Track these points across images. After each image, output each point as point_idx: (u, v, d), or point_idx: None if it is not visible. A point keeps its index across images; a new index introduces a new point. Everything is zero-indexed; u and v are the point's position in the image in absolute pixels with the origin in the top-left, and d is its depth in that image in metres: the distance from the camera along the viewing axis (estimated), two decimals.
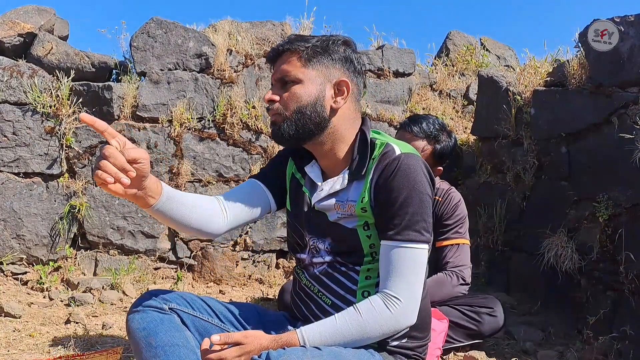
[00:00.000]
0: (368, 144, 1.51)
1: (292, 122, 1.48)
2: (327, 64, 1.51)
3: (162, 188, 1.41)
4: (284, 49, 1.51)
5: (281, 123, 1.49)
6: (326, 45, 1.51)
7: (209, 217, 1.56)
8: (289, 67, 1.49)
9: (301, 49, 1.49)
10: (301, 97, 1.48)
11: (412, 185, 1.42)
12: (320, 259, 1.56)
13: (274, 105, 1.50)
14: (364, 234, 1.49)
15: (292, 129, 1.49)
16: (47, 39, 3.44)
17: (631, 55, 2.49)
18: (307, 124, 1.49)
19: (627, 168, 2.42)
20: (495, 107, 3.43)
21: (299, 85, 1.48)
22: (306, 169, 1.62)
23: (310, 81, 1.49)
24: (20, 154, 3.23)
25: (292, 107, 1.48)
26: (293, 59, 1.50)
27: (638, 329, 2.30)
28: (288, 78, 1.49)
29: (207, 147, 3.52)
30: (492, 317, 2.31)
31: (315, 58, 1.49)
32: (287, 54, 1.51)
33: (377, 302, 1.38)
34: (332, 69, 1.51)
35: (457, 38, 5.23)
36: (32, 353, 2.17)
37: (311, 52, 1.49)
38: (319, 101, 1.49)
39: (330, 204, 1.53)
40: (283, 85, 1.51)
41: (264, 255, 3.61)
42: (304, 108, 1.48)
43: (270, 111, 1.52)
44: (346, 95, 1.52)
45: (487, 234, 3.45)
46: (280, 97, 1.50)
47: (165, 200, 1.42)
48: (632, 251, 2.37)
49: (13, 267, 3.17)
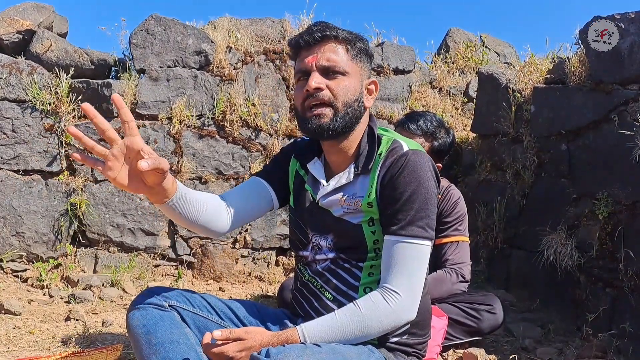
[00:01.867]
0: (375, 139, 1.51)
1: (342, 116, 1.45)
2: (364, 60, 1.51)
3: (177, 186, 1.41)
4: (330, 34, 1.45)
5: (332, 116, 1.44)
6: (362, 39, 1.50)
7: (215, 216, 1.56)
8: (338, 57, 1.45)
9: (348, 39, 1.46)
10: (349, 91, 1.45)
11: (419, 181, 1.42)
12: (323, 256, 1.56)
13: (322, 93, 1.44)
14: (369, 229, 1.49)
15: (340, 124, 1.45)
16: (46, 36, 3.43)
17: (631, 52, 2.49)
18: (352, 120, 1.47)
19: (626, 165, 2.42)
20: (495, 105, 3.43)
21: (346, 77, 1.45)
22: (308, 166, 1.62)
23: (354, 75, 1.47)
24: (19, 151, 3.22)
25: (342, 99, 1.44)
26: (340, 49, 1.46)
27: (637, 326, 2.31)
28: (337, 69, 1.44)
29: (206, 144, 3.52)
30: (491, 314, 2.31)
31: (356, 52, 1.48)
32: (332, 42, 1.46)
33: (376, 297, 1.39)
34: (366, 67, 1.52)
35: (457, 35, 5.23)
36: (32, 350, 2.17)
37: (355, 46, 1.48)
38: (360, 98, 1.49)
39: (335, 198, 1.53)
40: (325, 75, 1.45)
41: (263, 252, 3.61)
42: (352, 102, 1.46)
43: (314, 99, 1.44)
44: (374, 94, 1.54)
45: (486, 232, 3.45)
46: (327, 86, 1.44)
47: (178, 198, 1.42)
48: (631, 248, 2.37)
49: (13, 265, 3.17)
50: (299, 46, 1.48)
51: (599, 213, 2.56)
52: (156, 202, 1.41)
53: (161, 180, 1.31)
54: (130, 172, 1.28)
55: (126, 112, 1.24)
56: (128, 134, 1.25)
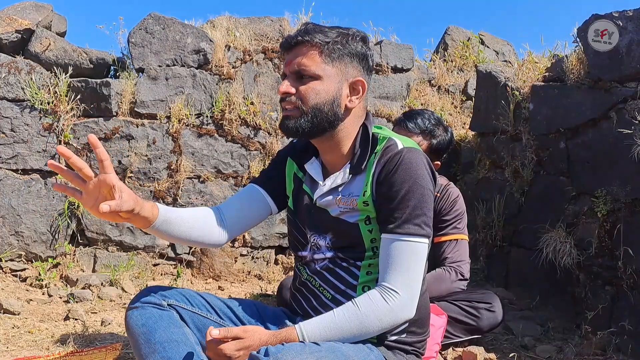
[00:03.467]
0: (370, 138, 1.51)
1: (308, 118, 1.46)
2: (346, 61, 1.49)
3: (159, 212, 1.45)
4: (303, 39, 1.46)
5: (298, 117, 1.46)
6: (346, 42, 1.48)
7: (208, 231, 1.59)
8: (308, 62, 1.45)
9: (322, 43, 1.45)
10: (319, 94, 1.46)
11: (414, 179, 1.42)
12: (321, 255, 1.56)
13: (290, 97, 1.47)
14: (366, 228, 1.49)
15: (307, 125, 1.46)
16: (45, 35, 3.43)
17: (629, 50, 2.49)
18: (323, 122, 1.47)
19: (625, 163, 2.42)
20: (493, 103, 3.43)
21: (318, 81, 1.46)
22: (306, 167, 1.62)
23: (329, 78, 1.46)
24: (18, 150, 3.22)
25: (310, 103, 1.45)
26: (313, 53, 1.46)
27: (636, 324, 2.31)
28: (307, 73, 1.45)
29: (205, 143, 3.52)
30: (490, 312, 2.31)
31: (335, 54, 1.47)
32: (306, 46, 1.46)
33: (375, 296, 1.39)
34: (349, 67, 1.49)
35: (456, 33, 5.22)
36: (31, 349, 2.17)
37: (332, 48, 1.46)
38: (336, 100, 1.48)
39: (332, 198, 1.53)
40: (299, 79, 1.47)
41: (262, 251, 3.61)
42: (322, 105, 1.46)
43: (285, 103, 1.48)
44: (361, 95, 1.52)
45: (485, 229, 3.45)
46: (296, 90, 1.46)
47: (162, 222, 1.46)
48: (630, 246, 2.37)
49: (12, 264, 3.16)
50: (282, 49, 1.53)
51: (598, 211, 2.56)
52: (139, 227, 1.48)
53: (132, 215, 1.36)
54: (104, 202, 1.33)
55: (102, 152, 1.30)
56: (102, 172, 1.31)
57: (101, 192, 1.33)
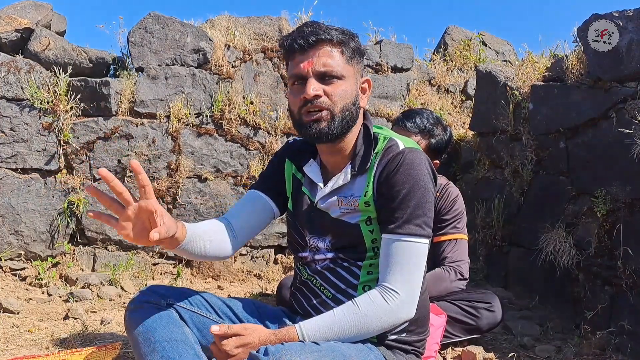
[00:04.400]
0: (372, 138, 1.51)
1: (339, 120, 1.44)
2: (358, 60, 1.50)
3: (186, 232, 1.43)
4: (324, 38, 1.43)
5: (330, 120, 1.43)
6: (357, 44, 1.49)
7: (223, 244, 1.60)
8: (334, 62, 1.43)
9: (341, 42, 1.44)
10: (346, 95, 1.45)
11: (415, 180, 1.42)
12: (322, 256, 1.56)
13: (320, 99, 1.43)
14: (367, 228, 1.49)
15: (338, 128, 1.45)
16: (45, 35, 3.42)
17: (629, 50, 2.48)
18: (349, 123, 1.47)
19: (625, 163, 2.42)
20: (493, 102, 3.43)
21: (343, 81, 1.44)
22: (305, 169, 1.62)
23: (350, 79, 1.46)
24: (18, 149, 3.22)
25: (339, 104, 1.44)
26: (336, 53, 1.44)
27: (636, 324, 2.31)
28: (334, 74, 1.43)
29: (205, 142, 3.52)
30: (490, 312, 2.32)
31: (350, 53, 1.47)
32: (327, 46, 1.43)
33: (375, 296, 1.39)
34: (359, 67, 1.51)
35: (456, 33, 5.22)
36: (31, 349, 2.17)
37: (351, 49, 1.46)
38: (356, 100, 1.48)
39: (333, 200, 1.53)
40: (321, 80, 1.44)
41: (262, 250, 3.61)
42: (349, 106, 1.46)
43: (313, 106, 1.43)
44: (368, 93, 1.53)
45: (485, 229, 3.45)
46: (324, 92, 1.43)
47: (188, 242, 1.45)
48: (630, 246, 2.37)
49: (11, 263, 3.16)
50: (293, 50, 1.46)
51: (597, 210, 2.56)
52: (167, 249, 1.46)
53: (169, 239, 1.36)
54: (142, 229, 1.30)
55: (144, 177, 1.26)
56: (144, 197, 1.27)
57: (140, 218, 1.29)
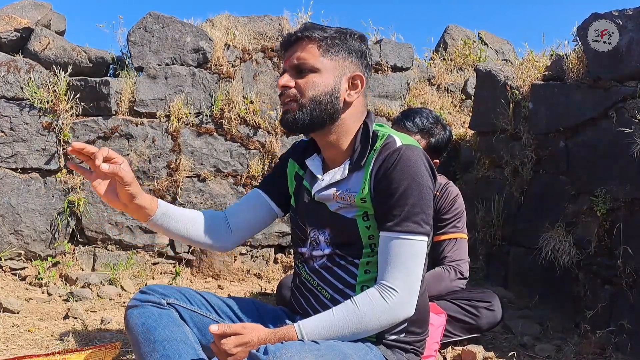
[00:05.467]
0: (370, 135, 1.51)
1: (307, 111, 1.47)
2: (344, 56, 1.51)
3: (158, 205, 1.55)
4: (302, 35, 1.49)
5: (296, 111, 1.48)
6: (344, 38, 1.51)
7: (209, 233, 1.64)
8: (307, 55, 1.48)
9: (320, 38, 1.48)
10: (318, 86, 1.47)
11: (412, 176, 1.42)
12: (319, 252, 1.56)
13: (289, 90, 1.49)
14: (363, 224, 1.49)
15: (306, 118, 1.48)
16: (44, 34, 3.42)
17: (629, 49, 2.48)
18: (322, 114, 1.49)
19: (625, 162, 2.42)
20: (493, 102, 3.43)
21: (316, 74, 1.48)
22: (307, 162, 1.63)
23: (327, 71, 1.48)
24: (17, 149, 3.22)
25: (308, 95, 1.47)
26: (312, 47, 1.48)
27: (636, 323, 2.31)
28: (305, 66, 1.47)
29: (205, 142, 3.52)
30: (490, 311, 2.32)
31: (333, 49, 1.49)
32: (305, 41, 1.49)
33: (373, 294, 1.38)
34: (348, 62, 1.51)
35: (455, 32, 5.22)
36: (31, 348, 2.17)
37: (330, 43, 1.49)
38: (334, 92, 1.49)
39: (329, 193, 1.53)
40: (298, 73, 1.49)
41: (262, 250, 3.61)
42: (320, 97, 1.47)
43: (284, 97, 1.50)
44: (360, 89, 1.53)
45: (485, 228, 3.45)
46: (295, 83, 1.49)
47: (160, 215, 1.56)
48: (629, 245, 2.37)
49: (11, 263, 3.17)
50: (282, 47, 1.56)
51: (597, 210, 2.56)
52: (139, 219, 1.57)
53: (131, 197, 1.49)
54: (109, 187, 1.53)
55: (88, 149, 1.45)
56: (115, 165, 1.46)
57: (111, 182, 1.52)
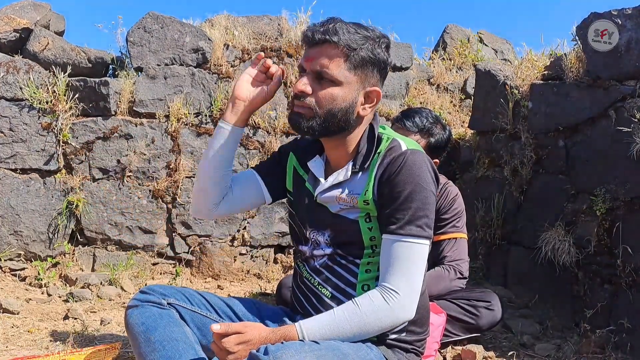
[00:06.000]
0: (375, 138, 1.51)
1: (321, 121, 1.45)
2: (368, 70, 1.46)
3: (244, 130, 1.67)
4: (330, 39, 1.41)
5: (310, 118, 1.45)
6: (372, 48, 1.44)
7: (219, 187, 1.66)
8: (332, 66, 1.41)
9: (349, 49, 1.41)
10: (337, 100, 1.44)
11: (417, 181, 1.42)
12: (320, 252, 1.57)
13: (307, 98, 1.44)
14: (366, 225, 1.49)
15: (318, 127, 1.46)
16: (43, 35, 3.42)
17: (628, 48, 2.49)
18: (333, 126, 1.47)
19: (624, 161, 2.42)
20: (492, 101, 3.43)
21: (338, 87, 1.43)
22: (309, 164, 1.63)
23: (349, 86, 1.44)
24: (17, 149, 3.22)
25: (325, 107, 1.44)
26: (339, 57, 1.41)
27: (635, 322, 2.31)
28: (329, 77, 1.42)
29: (204, 142, 3.51)
30: (489, 310, 2.32)
31: (359, 62, 1.43)
32: (332, 47, 1.41)
33: (375, 296, 1.39)
34: (370, 75, 1.47)
35: (455, 32, 5.22)
36: (31, 349, 2.17)
37: (358, 58, 1.43)
38: (351, 107, 1.46)
39: (332, 195, 1.53)
40: (319, 79, 1.44)
41: (262, 250, 3.61)
42: (336, 111, 1.45)
43: (299, 102, 1.46)
44: (375, 104, 1.51)
45: (484, 228, 3.45)
46: (313, 91, 1.44)
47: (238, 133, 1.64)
48: (629, 244, 2.37)
49: (11, 263, 3.16)
50: (305, 41, 1.47)
51: (597, 209, 2.56)
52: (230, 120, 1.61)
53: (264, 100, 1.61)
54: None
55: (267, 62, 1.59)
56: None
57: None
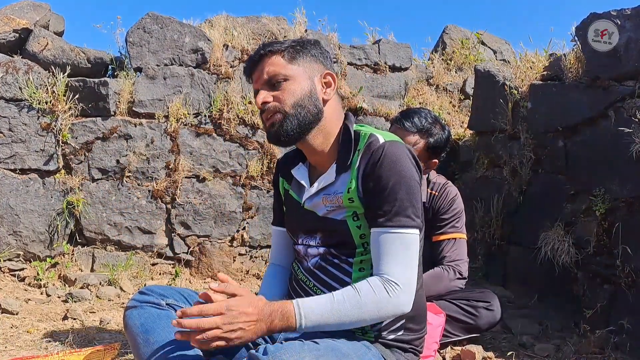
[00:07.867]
0: (352, 136, 1.53)
1: (293, 118, 1.49)
2: (309, 60, 1.55)
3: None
4: (264, 52, 1.53)
5: (282, 121, 1.49)
6: (302, 45, 1.56)
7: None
8: (275, 67, 1.50)
9: (281, 49, 1.52)
10: (296, 92, 1.50)
11: (399, 171, 1.43)
12: (315, 250, 1.57)
13: (270, 105, 1.50)
14: (354, 224, 1.49)
15: (294, 125, 1.49)
16: (43, 35, 3.42)
17: (628, 48, 2.49)
18: (307, 117, 1.50)
19: (624, 161, 2.42)
20: (492, 102, 3.43)
21: (290, 81, 1.50)
22: (292, 172, 1.65)
23: (299, 76, 1.51)
24: (16, 150, 3.22)
25: (290, 102, 1.49)
26: (276, 59, 1.52)
27: (635, 322, 2.31)
28: (277, 77, 1.50)
29: (203, 142, 3.52)
30: (489, 311, 2.32)
31: (297, 55, 1.53)
32: (268, 57, 1.52)
33: (376, 284, 1.37)
34: (314, 65, 1.55)
35: (454, 32, 5.22)
36: (30, 349, 2.17)
37: (292, 51, 1.53)
38: (312, 94, 1.52)
39: (319, 199, 1.55)
40: (272, 87, 1.51)
41: (261, 250, 3.61)
42: (301, 101, 1.50)
43: (266, 113, 1.51)
44: (333, 86, 1.57)
45: (484, 228, 3.45)
46: (273, 97, 1.50)
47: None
48: (628, 245, 2.37)
49: (10, 264, 3.16)
50: (247, 73, 1.59)
51: (596, 209, 2.56)
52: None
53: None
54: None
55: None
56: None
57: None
